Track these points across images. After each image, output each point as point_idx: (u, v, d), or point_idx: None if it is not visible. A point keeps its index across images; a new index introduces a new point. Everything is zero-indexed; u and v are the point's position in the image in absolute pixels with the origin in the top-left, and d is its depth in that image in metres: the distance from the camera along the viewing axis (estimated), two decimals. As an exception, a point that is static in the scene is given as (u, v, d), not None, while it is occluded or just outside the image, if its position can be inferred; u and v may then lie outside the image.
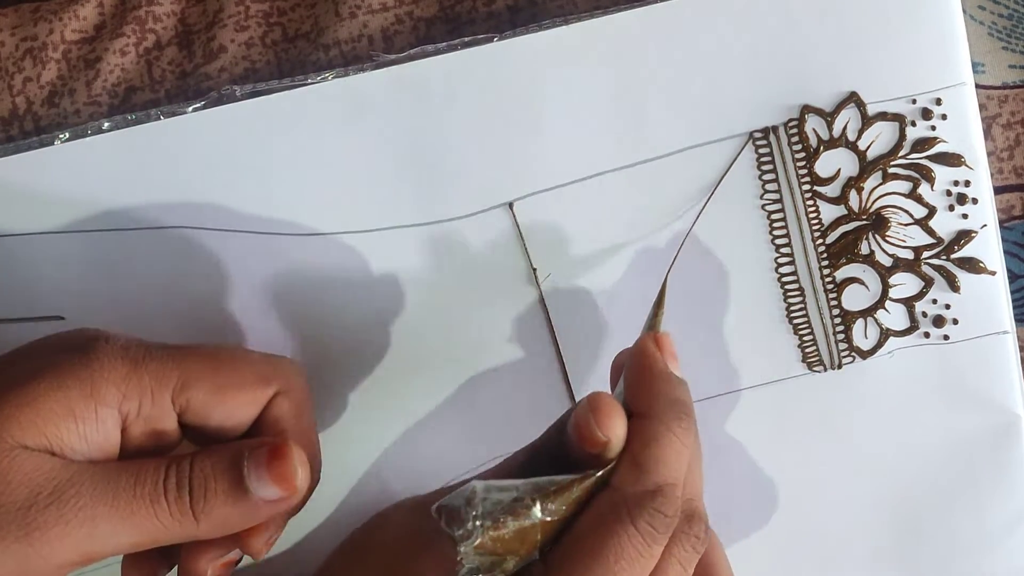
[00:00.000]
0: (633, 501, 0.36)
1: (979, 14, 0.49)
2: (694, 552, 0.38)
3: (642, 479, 0.37)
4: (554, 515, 0.36)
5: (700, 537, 0.38)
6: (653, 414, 0.38)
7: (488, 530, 0.35)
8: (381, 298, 0.46)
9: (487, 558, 0.35)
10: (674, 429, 0.38)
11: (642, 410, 0.38)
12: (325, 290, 0.46)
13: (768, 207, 0.47)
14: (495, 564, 0.35)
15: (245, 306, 0.46)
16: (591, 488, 0.37)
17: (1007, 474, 0.49)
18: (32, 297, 0.45)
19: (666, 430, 0.38)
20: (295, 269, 0.46)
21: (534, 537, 0.36)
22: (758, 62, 0.47)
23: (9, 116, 0.47)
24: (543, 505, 0.36)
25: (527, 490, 0.36)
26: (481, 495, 0.35)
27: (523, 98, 0.46)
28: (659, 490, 0.37)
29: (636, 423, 0.38)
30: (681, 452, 0.38)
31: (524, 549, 0.36)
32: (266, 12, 0.48)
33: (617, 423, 0.37)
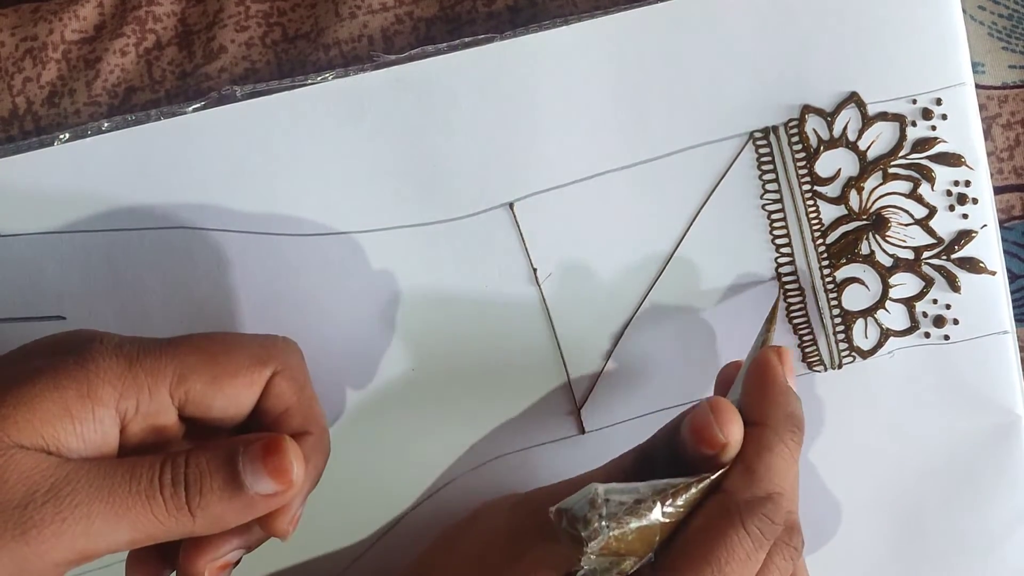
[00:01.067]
0: (745, 506, 0.38)
1: (979, 14, 0.49)
2: (791, 563, 0.39)
3: (754, 486, 0.38)
4: (673, 516, 0.37)
5: (798, 548, 0.40)
6: (769, 424, 0.40)
7: (613, 531, 0.36)
8: (381, 298, 0.46)
9: (606, 559, 0.36)
10: (787, 441, 0.40)
11: (758, 419, 0.40)
12: (325, 290, 0.46)
13: (768, 207, 0.47)
14: (613, 564, 0.36)
15: (245, 306, 0.46)
16: (705, 491, 0.38)
17: (1007, 474, 0.49)
18: (32, 297, 0.45)
19: (779, 441, 0.39)
20: (295, 269, 0.46)
21: (652, 538, 0.37)
22: (758, 62, 0.47)
23: (9, 116, 0.47)
24: (663, 506, 0.37)
25: (648, 492, 0.37)
26: (603, 497, 0.36)
27: (524, 98, 0.46)
28: (769, 497, 0.38)
29: (752, 431, 0.40)
30: (791, 464, 0.40)
31: (643, 550, 0.37)
32: (266, 12, 0.48)
33: (735, 427, 0.39)
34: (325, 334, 0.46)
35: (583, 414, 0.47)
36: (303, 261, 0.46)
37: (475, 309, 0.47)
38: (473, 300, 0.47)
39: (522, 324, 0.47)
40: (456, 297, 0.47)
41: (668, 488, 0.38)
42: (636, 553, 0.37)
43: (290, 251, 0.46)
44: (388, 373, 0.46)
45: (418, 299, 0.46)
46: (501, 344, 0.47)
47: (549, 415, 0.47)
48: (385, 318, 0.46)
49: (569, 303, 0.47)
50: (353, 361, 0.46)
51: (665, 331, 0.48)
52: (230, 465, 0.36)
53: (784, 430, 0.40)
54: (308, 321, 0.46)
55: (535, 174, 0.46)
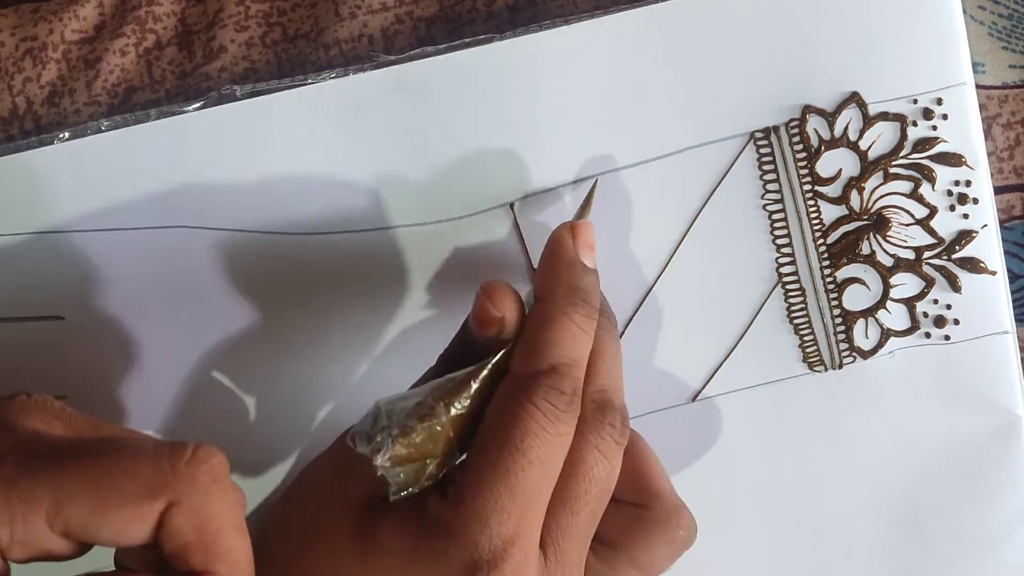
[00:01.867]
0: (528, 380, 0.37)
1: (979, 14, 0.49)
2: (612, 441, 0.38)
3: (535, 359, 0.38)
4: (460, 409, 0.37)
5: (615, 426, 0.39)
6: (549, 297, 0.39)
7: (397, 439, 0.36)
8: (381, 298, 0.46)
9: (408, 467, 0.36)
10: (569, 312, 0.39)
11: (543, 295, 0.39)
12: (325, 290, 0.46)
13: (769, 207, 0.47)
14: (419, 472, 0.36)
15: (245, 306, 0.46)
16: (492, 377, 0.38)
17: (1007, 474, 0.49)
18: (32, 297, 0.45)
19: (560, 312, 0.39)
20: (295, 269, 0.46)
21: (447, 435, 0.37)
22: (759, 62, 0.47)
23: (9, 116, 0.47)
24: (445, 402, 0.37)
25: (427, 391, 0.37)
26: (386, 408, 0.36)
27: (523, 98, 0.46)
28: (553, 368, 0.38)
29: (533, 308, 0.39)
30: (577, 335, 0.38)
31: (440, 449, 0.37)
32: (266, 12, 0.48)
33: (509, 301, 0.39)
34: (324, 334, 0.46)
35: (583, 414, 0.47)
36: (303, 261, 0.46)
37: (475, 309, 0.47)
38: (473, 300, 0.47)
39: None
40: (456, 297, 0.47)
41: (448, 383, 0.37)
42: (434, 455, 0.36)
43: (290, 251, 0.46)
44: (388, 373, 0.46)
45: (418, 299, 0.46)
46: (501, 344, 0.47)
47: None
48: (384, 318, 0.46)
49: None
50: (353, 361, 0.46)
51: (665, 331, 0.48)
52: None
53: (565, 302, 0.39)
54: (307, 321, 0.46)
55: (535, 174, 0.46)
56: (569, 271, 0.40)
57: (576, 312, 0.39)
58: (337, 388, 0.46)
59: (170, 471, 0.32)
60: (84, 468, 0.32)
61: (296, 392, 0.46)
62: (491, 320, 0.39)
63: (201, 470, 0.33)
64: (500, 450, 0.36)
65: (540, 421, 0.36)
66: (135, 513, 0.32)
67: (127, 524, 0.32)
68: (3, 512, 0.31)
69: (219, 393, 0.46)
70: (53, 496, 0.31)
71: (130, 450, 0.32)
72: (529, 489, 0.36)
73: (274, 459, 0.46)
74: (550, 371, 0.38)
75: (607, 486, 0.39)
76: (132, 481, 0.32)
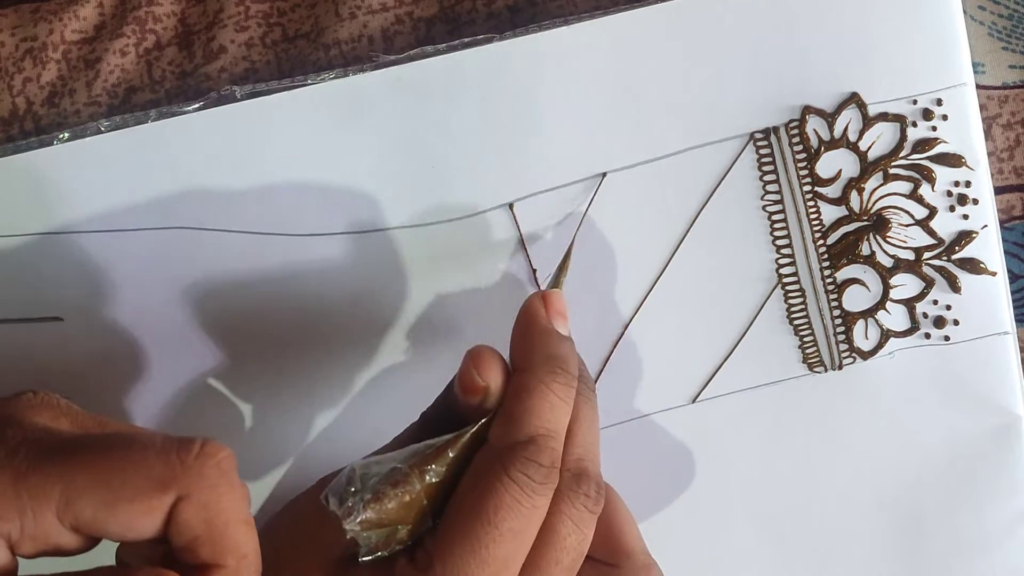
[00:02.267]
0: (506, 452, 0.37)
1: (979, 14, 0.49)
2: (586, 511, 0.38)
3: (514, 430, 0.37)
4: (435, 478, 0.37)
5: (591, 496, 0.38)
6: (527, 368, 0.39)
7: (369, 504, 0.35)
8: (381, 298, 0.46)
9: (379, 531, 0.36)
10: (547, 382, 0.38)
11: (520, 365, 0.39)
12: (325, 290, 0.46)
13: (769, 208, 0.47)
14: (389, 537, 0.36)
15: (245, 306, 0.45)
16: (469, 447, 0.38)
17: (1007, 474, 0.49)
18: (31, 297, 0.45)
19: (538, 382, 0.38)
20: (295, 269, 0.46)
21: (420, 503, 0.36)
22: (759, 62, 0.47)
23: (9, 116, 0.47)
24: (421, 470, 0.37)
25: (404, 458, 0.37)
26: (360, 471, 0.36)
27: (523, 98, 0.46)
28: (531, 440, 0.37)
29: (512, 378, 0.39)
30: (556, 405, 0.38)
31: (413, 516, 0.36)
32: (266, 12, 0.48)
33: (495, 370, 0.38)
34: (324, 334, 0.46)
35: (583, 414, 0.47)
36: (303, 261, 0.46)
37: (475, 309, 0.47)
38: (472, 300, 0.47)
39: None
40: (455, 297, 0.47)
41: (426, 451, 0.37)
42: (406, 521, 0.36)
43: (290, 251, 0.45)
44: (387, 373, 0.46)
45: (418, 299, 0.46)
46: (501, 345, 0.47)
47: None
48: (385, 318, 0.46)
49: (569, 304, 0.47)
50: (353, 361, 0.46)
51: (665, 332, 0.48)
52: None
53: (544, 372, 0.38)
54: (308, 321, 0.46)
55: (535, 174, 0.46)
56: (544, 340, 0.40)
57: (555, 381, 0.38)
58: (337, 389, 0.46)
59: (179, 465, 0.33)
60: (94, 462, 0.32)
61: (295, 393, 0.46)
62: (475, 388, 0.38)
63: (209, 464, 0.33)
64: (473, 521, 0.36)
65: (515, 494, 0.36)
66: (145, 507, 0.32)
67: (136, 518, 0.32)
68: (14, 506, 0.31)
69: (218, 394, 0.46)
70: (63, 490, 0.31)
71: (139, 445, 0.33)
72: (500, 561, 0.36)
73: (273, 460, 0.46)
74: (528, 443, 0.37)
75: (579, 554, 0.38)
76: (142, 475, 0.32)
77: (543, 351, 0.39)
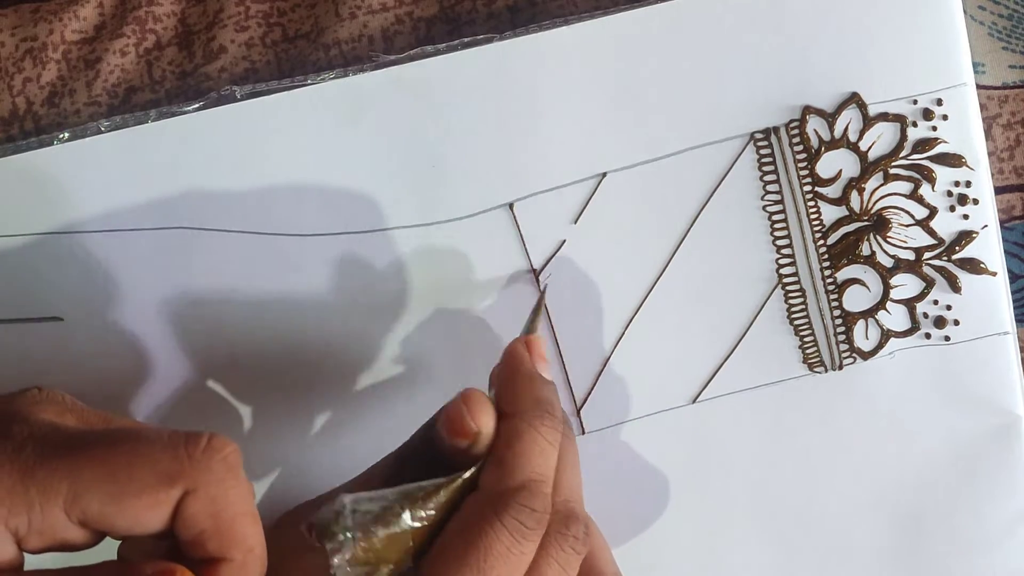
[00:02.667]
0: (498, 498, 0.37)
1: (979, 14, 0.49)
2: (573, 553, 0.38)
3: (506, 476, 0.37)
4: (424, 521, 0.36)
5: (579, 538, 0.38)
6: (516, 412, 0.39)
7: (359, 541, 0.35)
8: (381, 298, 0.46)
9: (361, 568, 0.35)
10: (537, 427, 0.38)
11: (508, 410, 0.39)
12: (325, 290, 0.46)
13: (769, 208, 0.47)
14: (370, 574, 0.36)
15: (244, 306, 0.45)
16: (460, 491, 0.37)
17: (1007, 474, 0.49)
18: (31, 297, 0.45)
19: (528, 427, 0.38)
20: (295, 269, 0.46)
21: (406, 544, 0.36)
22: (759, 63, 0.47)
23: (9, 116, 0.47)
24: (412, 511, 0.36)
25: (396, 498, 0.36)
26: (351, 507, 0.35)
27: (523, 98, 0.46)
28: (524, 485, 0.37)
29: (501, 424, 0.39)
30: (546, 449, 0.38)
31: (397, 556, 0.36)
32: (266, 12, 0.48)
33: (486, 416, 0.38)
34: (325, 334, 0.46)
35: (583, 415, 0.47)
36: (303, 261, 0.46)
37: (474, 310, 0.47)
38: (472, 300, 0.47)
39: (521, 324, 0.47)
40: (455, 297, 0.47)
41: (417, 492, 0.37)
42: (390, 561, 0.36)
43: (290, 251, 0.45)
44: (388, 373, 0.46)
45: (418, 299, 0.46)
46: (501, 345, 0.47)
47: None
48: (385, 318, 0.46)
49: (569, 303, 0.47)
50: (353, 361, 0.46)
51: (665, 332, 0.48)
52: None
53: (532, 416, 0.38)
54: (307, 321, 0.46)
55: (535, 174, 0.46)
56: (531, 385, 0.40)
57: (543, 425, 0.38)
58: (336, 390, 0.46)
59: (186, 460, 0.33)
60: (101, 457, 0.32)
61: (295, 393, 0.46)
62: (466, 432, 0.38)
63: (216, 459, 0.33)
64: (461, 567, 0.36)
65: (506, 541, 0.36)
66: (152, 501, 0.32)
67: (144, 512, 0.32)
68: (21, 502, 0.31)
69: (217, 394, 0.46)
70: (71, 485, 0.32)
71: (146, 440, 0.33)
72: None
73: (273, 460, 0.46)
74: (521, 488, 0.37)
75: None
76: (149, 469, 0.32)
77: (531, 396, 0.39)
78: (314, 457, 0.46)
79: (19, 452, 0.32)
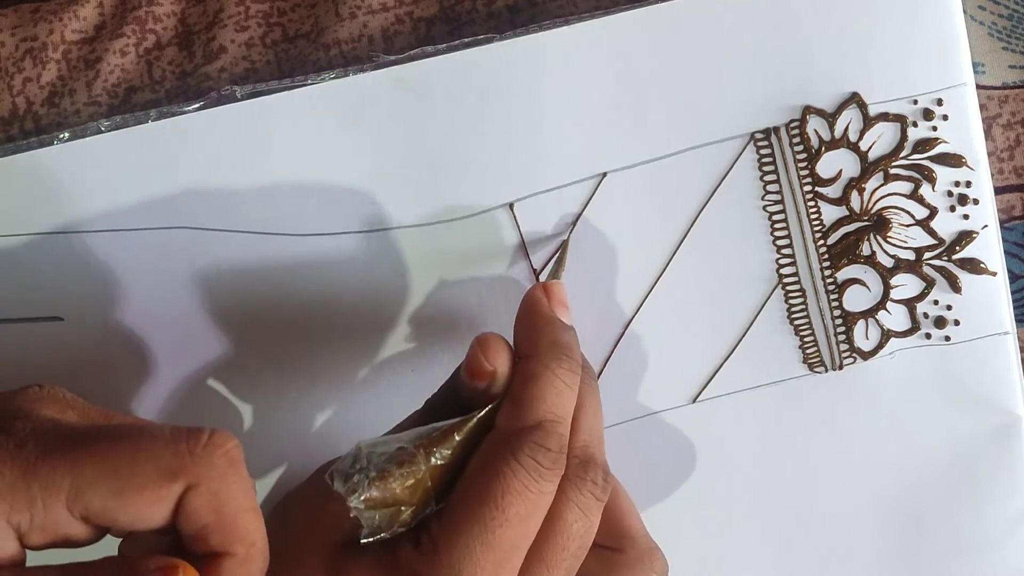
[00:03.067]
0: (514, 436, 0.37)
1: (979, 14, 0.49)
2: (593, 498, 0.38)
3: (521, 415, 0.38)
4: (440, 460, 0.37)
5: (597, 483, 0.38)
6: (533, 354, 0.39)
7: (374, 482, 0.35)
8: (381, 298, 0.46)
9: (382, 512, 0.36)
10: (553, 368, 0.39)
11: (525, 352, 0.40)
12: (325, 290, 0.46)
13: (769, 208, 0.47)
14: (392, 517, 0.36)
15: (245, 306, 0.46)
16: (475, 431, 0.38)
17: (1007, 474, 0.49)
18: (31, 297, 0.45)
19: (544, 368, 0.39)
20: (295, 269, 0.46)
21: (425, 484, 0.36)
22: (759, 63, 0.47)
23: (9, 116, 0.47)
24: (427, 451, 0.37)
25: (410, 439, 0.37)
26: (366, 450, 0.36)
27: (523, 98, 0.46)
28: (539, 425, 0.37)
29: (518, 365, 0.39)
30: (563, 391, 0.39)
31: (417, 498, 0.36)
32: (266, 12, 0.48)
33: (502, 356, 0.39)
34: (324, 334, 0.46)
35: (583, 415, 0.47)
36: (303, 261, 0.46)
37: (475, 310, 0.47)
38: (473, 300, 0.47)
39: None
40: (456, 297, 0.47)
41: (432, 432, 0.37)
42: (410, 502, 0.36)
43: (290, 251, 0.45)
44: (388, 373, 0.46)
45: (417, 299, 0.46)
46: (503, 343, 0.47)
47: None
48: (385, 318, 0.46)
49: (570, 304, 0.47)
50: (353, 361, 0.46)
51: (666, 332, 0.48)
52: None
53: (549, 358, 0.39)
54: (307, 321, 0.46)
55: (535, 174, 0.46)
56: (548, 327, 0.40)
57: (560, 367, 0.39)
58: (337, 389, 0.46)
59: (188, 455, 0.33)
60: (103, 453, 0.32)
61: (296, 393, 0.46)
62: (483, 372, 0.39)
63: (218, 454, 0.33)
64: (480, 505, 0.36)
65: (523, 479, 0.36)
66: (154, 496, 0.32)
67: (146, 507, 0.32)
68: (24, 498, 0.31)
69: (218, 394, 0.46)
70: (73, 481, 0.32)
71: (148, 435, 0.33)
72: (506, 546, 0.36)
73: (273, 460, 0.46)
74: (536, 427, 0.37)
75: (585, 542, 0.38)
76: (151, 464, 0.33)
77: (548, 338, 0.40)
78: (314, 456, 0.46)
79: (21, 448, 0.32)
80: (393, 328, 0.46)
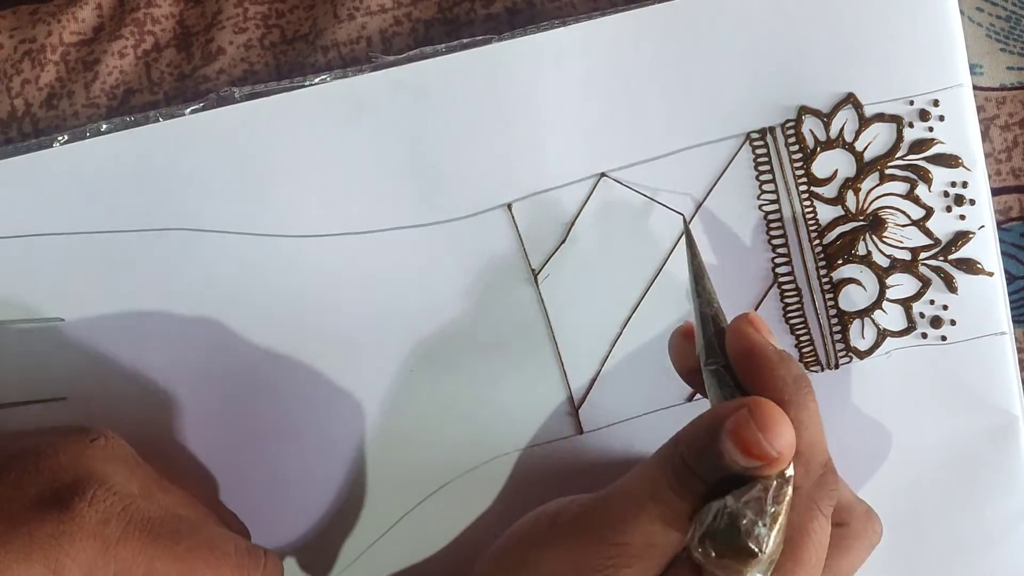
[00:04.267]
0: (816, 492, 0.37)
1: (977, 15, 0.49)
2: (831, 501, 0.38)
3: (811, 468, 0.37)
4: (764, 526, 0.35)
5: (836, 489, 0.38)
6: (789, 400, 0.37)
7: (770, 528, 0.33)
8: (380, 299, 0.46)
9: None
10: (808, 405, 0.37)
11: (778, 399, 0.37)
12: (324, 291, 0.46)
13: (765, 208, 0.48)
14: None
15: (244, 307, 0.46)
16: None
17: (1005, 474, 0.49)
18: (31, 299, 0.45)
19: (804, 409, 0.37)
20: (295, 271, 0.46)
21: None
22: (755, 63, 0.47)
23: (8, 118, 0.47)
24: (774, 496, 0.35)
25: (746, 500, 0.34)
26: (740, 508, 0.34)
27: (522, 99, 0.46)
28: (825, 471, 0.37)
29: None
30: (819, 422, 0.38)
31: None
32: (264, 14, 0.48)
33: (786, 432, 0.35)
34: (324, 335, 0.46)
35: (581, 414, 0.47)
36: (302, 263, 0.46)
37: (474, 309, 0.47)
38: (472, 300, 0.47)
39: (521, 324, 0.47)
40: (455, 297, 0.47)
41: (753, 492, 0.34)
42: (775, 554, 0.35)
43: (289, 253, 0.46)
44: (387, 373, 0.47)
45: (417, 300, 0.46)
46: (499, 344, 0.47)
47: (547, 415, 0.47)
48: (384, 319, 0.46)
49: (568, 304, 0.47)
50: (352, 361, 0.46)
51: (663, 331, 0.48)
52: None
53: (802, 398, 0.37)
54: (307, 322, 0.46)
55: (534, 174, 0.46)
56: (785, 366, 0.38)
57: (811, 400, 0.38)
58: (336, 391, 0.46)
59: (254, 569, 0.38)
60: (180, 555, 0.37)
61: (294, 395, 0.46)
62: (765, 457, 0.35)
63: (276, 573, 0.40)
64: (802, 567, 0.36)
65: (825, 526, 0.36)
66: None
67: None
68: (103, 572, 0.35)
69: (218, 394, 0.46)
70: (146, 570, 0.36)
71: (220, 550, 0.38)
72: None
73: (271, 460, 0.46)
74: (824, 474, 0.37)
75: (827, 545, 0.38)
76: None
77: (789, 375, 0.38)
78: (314, 456, 0.46)
79: (104, 525, 0.36)
80: (392, 329, 0.46)
